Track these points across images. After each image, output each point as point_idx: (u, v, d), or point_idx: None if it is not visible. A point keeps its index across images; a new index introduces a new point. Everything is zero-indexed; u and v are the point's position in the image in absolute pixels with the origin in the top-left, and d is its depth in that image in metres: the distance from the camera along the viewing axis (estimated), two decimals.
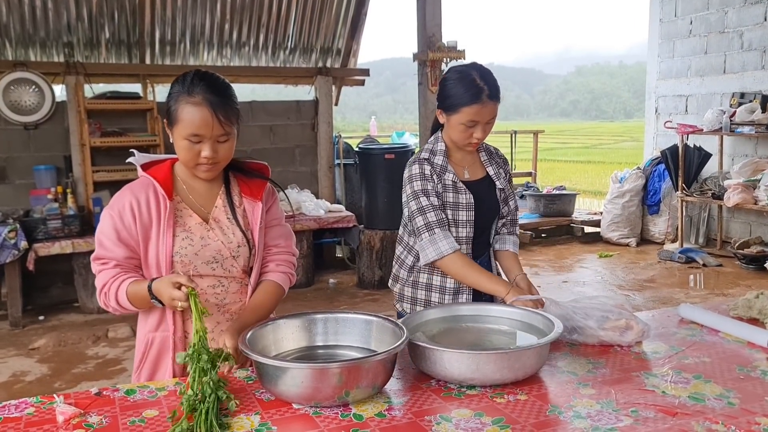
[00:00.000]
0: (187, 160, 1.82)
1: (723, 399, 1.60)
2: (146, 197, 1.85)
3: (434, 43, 5.45)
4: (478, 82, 2.08)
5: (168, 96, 1.82)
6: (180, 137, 1.78)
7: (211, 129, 1.76)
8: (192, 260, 1.85)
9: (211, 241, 1.88)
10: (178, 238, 1.85)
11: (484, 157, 2.33)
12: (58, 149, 5.98)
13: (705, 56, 7.81)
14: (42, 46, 6.08)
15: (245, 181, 1.98)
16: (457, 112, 2.11)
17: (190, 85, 1.76)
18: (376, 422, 1.51)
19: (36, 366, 4.36)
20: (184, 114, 1.75)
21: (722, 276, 6.51)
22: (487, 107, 2.10)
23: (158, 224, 1.84)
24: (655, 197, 7.91)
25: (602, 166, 19.93)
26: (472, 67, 2.15)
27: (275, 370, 1.57)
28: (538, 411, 1.55)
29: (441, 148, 2.25)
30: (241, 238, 1.91)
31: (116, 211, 1.83)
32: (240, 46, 6.82)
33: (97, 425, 1.52)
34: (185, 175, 1.91)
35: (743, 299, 2.27)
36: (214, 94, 1.77)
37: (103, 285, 1.84)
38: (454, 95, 2.12)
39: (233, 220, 1.92)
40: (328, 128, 7.04)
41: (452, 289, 2.26)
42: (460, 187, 2.21)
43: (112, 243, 1.83)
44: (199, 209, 1.91)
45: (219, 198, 1.94)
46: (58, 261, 5.56)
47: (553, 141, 33.25)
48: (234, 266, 1.91)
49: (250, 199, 1.97)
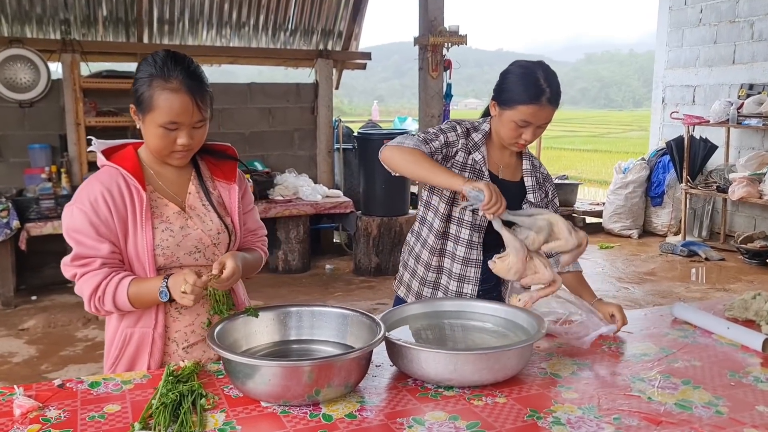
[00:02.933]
0: (160, 149, 1.71)
1: (711, 407, 1.52)
2: (118, 188, 1.71)
3: (436, 27, 5.34)
4: (542, 83, 1.97)
5: (137, 80, 1.68)
6: (154, 125, 1.66)
7: (190, 116, 1.66)
8: (174, 252, 1.75)
9: (191, 230, 1.78)
10: (157, 230, 1.74)
11: (526, 166, 2.19)
12: (53, 128, 5.90)
13: (714, 46, 7.66)
14: (38, 23, 5.99)
15: (214, 163, 1.89)
16: (513, 109, 2.00)
17: (166, 68, 1.65)
18: (345, 424, 1.45)
19: (24, 347, 4.32)
20: (161, 101, 1.64)
21: (724, 270, 6.42)
22: (544, 110, 1.99)
23: (134, 217, 1.72)
24: (658, 189, 7.80)
25: (609, 155, 19.75)
26: (539, 65, 2.03)
27: (243, 366, 1.51)
28: (516, 415, 1.48)
29: (485, 129, 2.13)
30: (219, 224, 1.82)
31: (88, 206, 1.68)
32: (240, 26, 6.71)
33: (54, 420, 1.46)
34: (152, 161, 1.80)
35: (740, 299, 2.20)
36: (192, 78, 1.67)
37: (95, 287, 1.69)
38: (513, 90, 2.01)
39: (209, 206, 1.83)
40: (327, 112, 6.94)
41: (458, 275, 2.14)
42: (483, 171, 2.10)
43: (93, 239, 1.69)
44: (173, 197, 1.80)
45: (191, 184, 1.83)
46: (52, 241, 5.49)
47: (561, 129, 33.04)
48: (216, 254, 1.83)
49: (224, 182, 1.88)
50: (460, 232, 2.12)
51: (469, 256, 2.13)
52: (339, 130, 7.17)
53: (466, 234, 2.12)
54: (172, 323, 1.80)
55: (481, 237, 2.13)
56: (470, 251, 2.13)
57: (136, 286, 1.69)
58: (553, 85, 1.99)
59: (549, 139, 26.14)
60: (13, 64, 5.68)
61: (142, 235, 1.71)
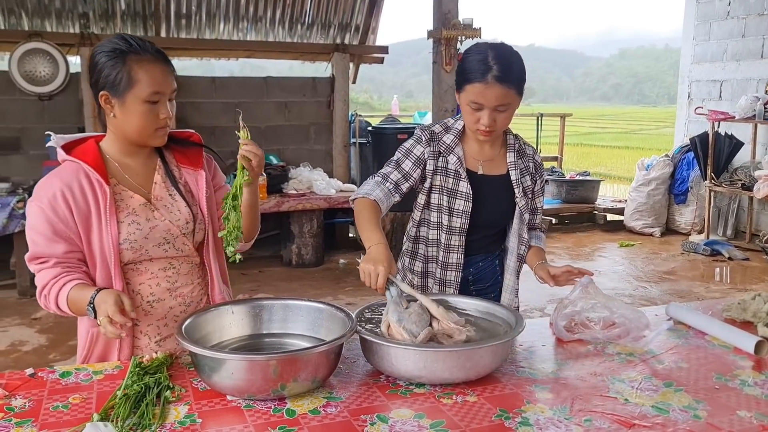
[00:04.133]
0: (144, 127, 1.68)
1: (690, 411, 1.46)
2: (79, 184, 1.68)
3: (449, 20, 5.27)
4: (489, 61, 1.88)
5: (104, 66, 1.65)
6: (138, 101, 1.65)
7: (169, 84, 1.69)
8: (142, 245, 1.73)
9: (158, 221, 1.76)
10: (123, 224, 1.71)
11: (511, 159, 2.10)
12: (71, 120, 5.98)
13: (742, 40, 7.45)
14: (57, 17, 6.08)
15: (180, 150, 1.86)
16: (463, 91, 1.94)
17: (134, 44, 1.66)
18: (307, 419, 1.42)
19: (35, 336, 4.39)
20: (141, 73, 1.64)
21: (748, 271, 6.25)
22: (491, 89, 1.88)
23: (98, 212, 1.68)
24: (682, 186, 7.62)
25: (640, 152, 19.38)
26: (493, 46, 1.95)
27: (207, 360, 1.49)
28: (483, 415, 1.44)
29: (457, 127, 2.07)
30: (188, 214, 1.79)
31: (46, 203, 1.65)
32: (257, 20, 6.72)
33: (18, 409, 1.46)
34: (116, 153, 1.76)
35: (739, 300, 2.11)
36: (158, 51, 1.70)
37: (43, 287, 1.67)
38: (462, 72, 1.95)
39: (177, 195, 1.80)
40: (344, 106, 6.91)
41: (444, 263, 2.11)
42: (461, 174, 2.05)
43: (47, 239, 1.66)
44: (138, 189, 1.77)
45: (157, 173, 1.80)
46: None
47: (592, 125, 32.60)
48: (186, 244, 1.80)
49: (190, 169, 1.85)
50: (440, 218, 2.10)
51: (449, 242, 2.09)
52: (355, 125, 7.14)
53: (444, 219, 2.09)
54: (144, 317, 1.78)
55: (461, 241, 2.09)
56: (450, 237, 2.09)
57: (75, 293, 1.63)
58: (503, 63, 1.89)
59: (579, 135, 25.89)
60: (32, 58, 5.77)
61: (107, 230, 1.69)
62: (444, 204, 2.07)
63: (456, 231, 2.08)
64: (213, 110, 6.48)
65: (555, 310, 1.98)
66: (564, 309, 1.98)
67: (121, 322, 1.52)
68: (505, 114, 1.95)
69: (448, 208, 2.06)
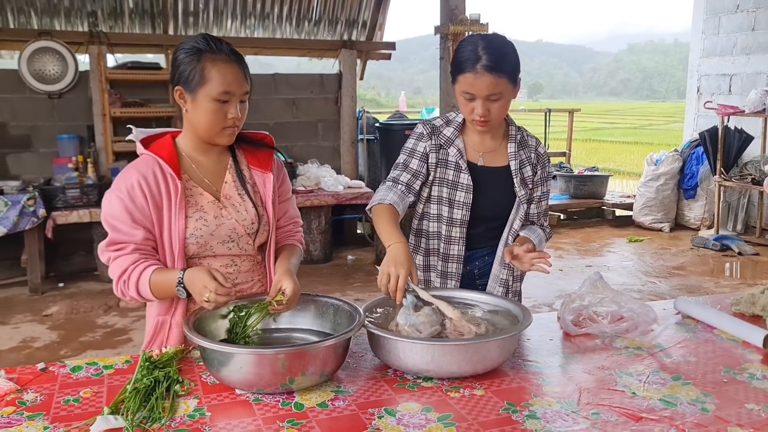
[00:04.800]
0: (212, 125, 1.72)
1: (697, 404, 1.46)
2: (154, 176, 1.72)
3: (456, 15, 5.26)
4: (479, 51, 1.89)
5: (181, 62, 1.71)
6: (208, 99, 1.69)
7: (241, 85, 1.71)
8: (207, 241, 1.78)
9: (225, 219, 1.80)
10: (191, 219, 1.75)
11: (512, 149, 2.09)
12: (81, 119, 6.02)
13: (752, 33, 7.39)
14: (66, 16, 6.12)
15: (251, 152, 1.89)
16: (456, 81, 1.96)
17: (212, 44, 1.70)
18: (315, 413, 1.43)
19: (46, 332, 4.43)
20: (214, 72, 1.67)
21: (758, 266, 6.21)
22: (482, 78, 1.88)
23: (169, 205, 1.74)
24: (691, 181, 7.58)
25: (649, 147, 19.27)
26: (483, 36, 1.95)
27: (216, 354, 1.50)
28: (491, 408, 1.45)
29: (458, 120, 2.08)
30: (254, 214, 1.83)
31: (125, 192, 1.71)
32: (264, 16, 6.74)
33: (30, 403, 1.47)
34: (191, 149, 1.81)
35: (748, 294, 2.11)
36: (235, 52, 1.73)
37: (123, 272, 1.71)
38: (454, 62, 1.96)
39: (245, 195, 1.84)
40: (351, 102, 6.92)
41: (445, 255, 2.12)
42: (462, 166, 2.06)
43: (128, 226, 1.71)
44: (208, 186, 1.81)
45: (228, 173, 1.84)
46: (81, 229, 5.62)
47: (600, 121, 32.46)
48: (249, 243, 1.85)
49: (259, 171, 1.88)
50: (441, 210, 2.10)
51: (450, 233, 2.10)
52: (363, 121, 7.15)
53: (444, 211, 2.09)
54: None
55: (463, 233, 2.10)
56: (451, 228, 2.10)
57: (158, 276, 1.69)
58: (492, 53, 1.89)
59: (588, 131, 25.79)
60: (41, 57, 5.81)
61: (176, 223, 1.74)
62: (444, 196, 2.08)
63: (457, 223, 2.08)
64: None
65: (562, 305, 1.98)
66: (572, 303, 1.98)
67: (226, 292, 1.58)
68: (499, 103, 1.94)
69: (448, 200, 2.07)
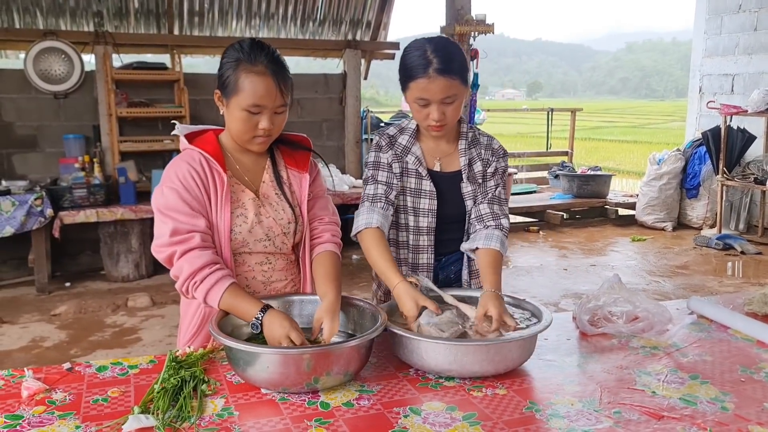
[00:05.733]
0: (242, 132, 1.74)
1: (717, 403, 1.48)
2: (202, 168, 1.75)
3: (462, 15, 5.28)
4: (428, 54, 1.84)
5: (223, 65, 1.73)
6: (239, 108, 1.71)
7: (273, 99, 1.71)
8: (246, 238, 1.80)
9: (264, 218, 1.82)
10: (233, 215, 1.78)
11: (462, 146, 2.05)
12: (87, 119, 6.04)
13: (754, 33, 7.42)
14: (72, 16, 6.13)
15: (289, 153, 1.92)
16: (408, 89, 1.89)
17: (252, 53, 1.70)
18: (341, 412, 1.45)
19: (55, 332, 4.45)
20: (247, 83, 1.68)
21: (761, 265, 6.24)
22: (435, 82, 1.83)
23: (216, 200, 1.75)
24: (694, 180, 7.61)
25: (649, 146, 19.34)
26: (430, 39, 1.90)
27: (242, 354, 1.52)
28: (514, 407, 1.47)
29: (411, 127, 2.04)
30: (290, 214, 1.86)
31: (178, 184, 1.72)
32: (269, 17, 6.75)
33: (59, 402, 1.49)
34: (232, 147, 1.84)
35: (760, 294, 2.13)
36: (275, 63, 1.72)
37: (194, 272, 1.67)
38: (403, 70, 1.90)
39: (281, 196, 1.86)
40: (356, 102, 6.94)
41: (414, 265, 2.08)
42: (422, 173, 2.02)
43: (188, 215, 1.71)
44: (249, 184, 1.84)
45: (266, 173, 1.87)
46: (88, 229, 5.65)
47: (600, 120, 32.54)
48: (285, 243, 1.87)
49: (296, 171, 1.90)
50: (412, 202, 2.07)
51: (417, 242, 2.07)
52: (367, 121, 7.17)
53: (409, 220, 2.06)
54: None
55: (431, 241, 2.07)
56: (418, 237, 2.07)
57: (232, 299, 1.67)
58: (442, 55, 1.84)
59: (587, 130, 25.86)
60: (47, 56, 5.82)
61: (222, 217, 1.75)
62: (408, 205, 2.05)
63: (424, 231, 2.05)
64: None
65: (579, 305, 2.00)
66: (588, 304, 2.00)
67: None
68: (454, 105, 1.90)
69: (413, 208, 2.05)
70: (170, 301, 5.03)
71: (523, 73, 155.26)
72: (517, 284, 5.56)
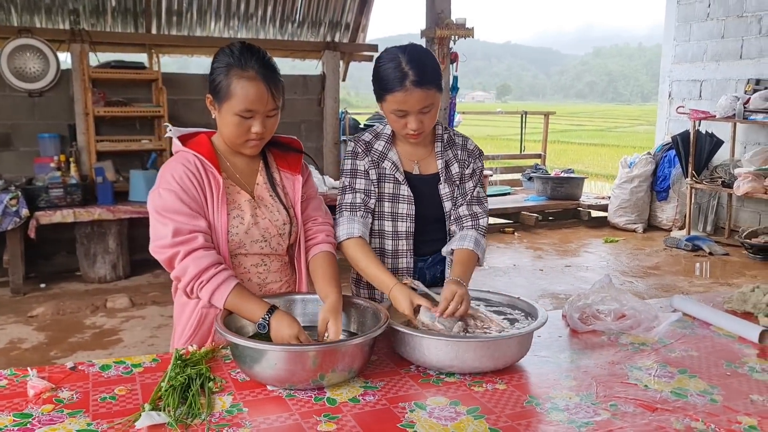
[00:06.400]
0: (235, 136, 1.76)
1: (706, 395, 1.56)
2: (197, 170, 1.76)
3: (443, 19, 5.35)
4: (404, 67, 1.85)
5: (214, 70, 1.75)
6: (230, 113, 1.73)
7: (265, 104, 1.72)
8: (242, 239, 1.82)
9: (260, 219, 1.84)
10: (230, 216, 1.80)
11: (438, 149, 2.08)
12: (62, 117, 5.95)
13: (722, 41, 7.64)
14: (47, 13, 6.04)
15: (281, 155, 1.94)
16: (385, 101, 1.91)
17: (242, 58, 1.71)
18: (349, 407, 1.49)
19: (33, 334, 4.38)
20: (238, 89, 1.70)
21: (728, 265, 6.44)
22: (413, 94, 1.85)
23: (212, 201, 1.77)
24: (664, 183, 7.81)
25: (616, 150, 19.74)
26: (403, 48, 1.90)
27: (250, 351, 1.55)
28: (515, 402, 1.52)
29: (387, 132, 2.07)
30: (285, 216, 1.88)
31: (175, 185, 1.72)
32: (247, 17, 6.74)
33: (67, 400, 1.50)
34: (225, 150, 1.85)
35: (738, 292, 2.23)
36: (266, 68, 1.73)
37: (200, 272, 1.68)
38: (379, 82, 1.91)
39: (275, 197, 1.89)
40: (334, 104, 6.96)
41: (393, 269, 2.09)
42: (399, 178, 2.04)
43: (188, 216, 1.71)
44: (244, 186, 1.86)
45: (260, 175, 1.89)
46: (63, 229, 5.57)
47: (568, 123, 33.01)
48: (280, 244, 1.90)
49: (289, 173, 1.93)
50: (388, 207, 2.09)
51: (396, 247, 2.09)
52: (345, 122, 7.20)
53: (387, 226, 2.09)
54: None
55: (410, 245, 2.09)
56: (397, 242, 2.09)
57: (238, 298, 1.69)
58: (418, 67, 1.85)
59: (556, 133, 26.21)
60: (22, 54, 5.72)
61: (218, 219, 1.77)
62: (386, 210, 2.07)
63: (402, 235, 2.08)
64: (205, 107, 6.41)
65: (569, 304, 2.07)
66: (577, 302, 2.08)
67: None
68: (431, 113, 1.93)
69: (391, 213, 2.07)
70: (150, 302, 5.00)
71: (493, 75, 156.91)
72: (495, 285, 5.65)
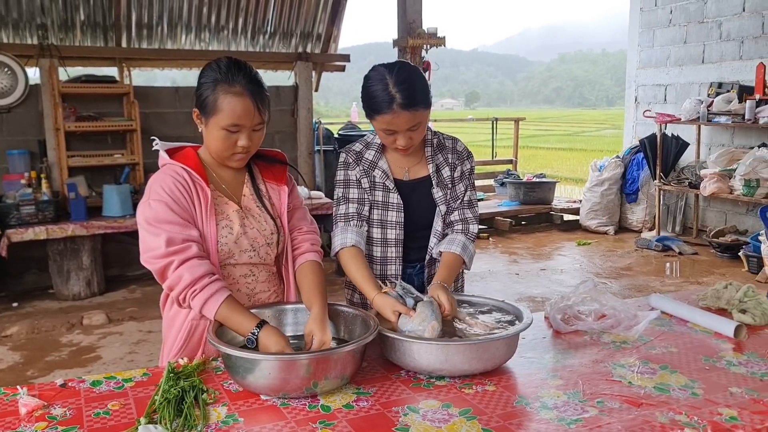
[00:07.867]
0: (222, 150, 1.79)
1: (688, 389, 1.61)
2: (185, 182, 1.78)
3: (414, 29, 5.42)
4: (390, 89, 1.88)
5: (201, 85, 1.77)
6: (217, 127, 1.75)
7: (251, 118, 1.75)
8: (231, 249, 1.84)
9: (248, 228, 1.87)
10: (218, 226, 1.82)
11: (429, 153, 2.12)
12: (32, 133, 5.86)
13: (684, 46, 7.85)
14: (15, 28, 5.95)
15: (266, 167, 1.97)
16: (374, 120, 1.95)
17: (229, 73, 1.73)
18: (343, 413, 1.51)
19: (8, 354, 4.30)
20: (225, 104, 1.72)
21: (697, 264, 6.59)
22: (401, 116, 1.89)
23: (201, 212, 1.79)
24: (633, 186, 7.97)
25: (584, 154, 20.08)
26: (391, 68, 1.93)
27: (243, 361, 1.56)
28: (505, 402, 1.56)
29: (377, 142, 2.11)
30: (273, 226, 1.91)
31: (166, 197, 1.73)
32: (219, 29, 6.73)
33: (60, 417, 1.50)
34: (211, 163, 1.88)
35: (712, 290, 2.30)
36: (253, 83, 1.76)
37: (194, 280, 1.69)
38: (367, 100, 1.95)
39: (262, 208, 1.91)
40: (308, 114, 6.98)
41: (382, 277, 2.13)
42: (389, 186, 2.09)
43: (181, 225, 1.72)
44: (231, 197, 1.88)
45: (246, 186, 1.92)
46: (33, 247, 5.48)
47: (536, 128, 33.44)
48: (269, 253, 1.92)
49: (274, 184, 1.95)
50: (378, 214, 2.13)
51: (386, 254, 2.13)
52: (319, 132, 7.22)
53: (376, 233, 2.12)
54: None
55: (399, 252, 2.13)
56: (386, 249, 2.13)
57: (229, 310, 1.70)
58: (406, 90, 1.88)
59: (525, 138, 26.48)
60: None
61: (207, 229, 1.79)
62: (376, 218, 2.11)
63: (391, 243, 2.12)
64: (177, 120, 6.45)
65: (551, 306, 2.12)
66: (559, 303, 2.13)
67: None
68: (419, 130, 1.97)
69: (380, 221, 2.11)
70: (127, 318, 4.95)
71: (461, 83, 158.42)
72: (472, 290, 5.66)
